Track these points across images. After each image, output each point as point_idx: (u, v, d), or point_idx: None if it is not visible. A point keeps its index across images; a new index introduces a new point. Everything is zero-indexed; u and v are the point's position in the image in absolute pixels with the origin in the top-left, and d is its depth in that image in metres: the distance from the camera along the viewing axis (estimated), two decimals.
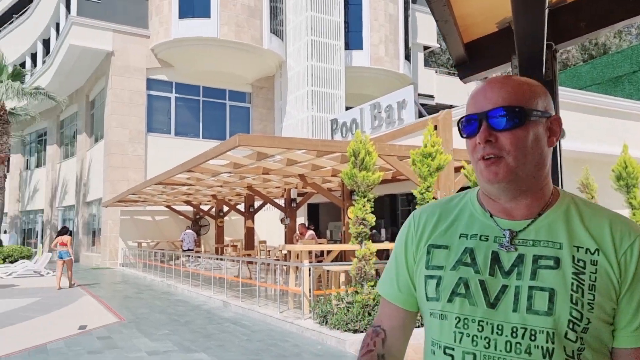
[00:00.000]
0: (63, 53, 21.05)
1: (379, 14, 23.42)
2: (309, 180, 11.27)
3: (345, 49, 22.44)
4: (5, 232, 24.38)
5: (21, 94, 20.83)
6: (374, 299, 6.64)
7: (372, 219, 6.86)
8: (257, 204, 16.79)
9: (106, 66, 20.97)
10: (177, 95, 21.95)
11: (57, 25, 23.63)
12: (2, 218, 22.00)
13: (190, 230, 17.86)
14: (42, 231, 26.86)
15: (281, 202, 15.12)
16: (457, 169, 7.90)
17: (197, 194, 16.81)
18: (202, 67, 21.53)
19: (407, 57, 24.89)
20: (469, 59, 1.96)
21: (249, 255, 14.79)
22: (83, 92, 24.22)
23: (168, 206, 20.30)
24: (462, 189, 5.64)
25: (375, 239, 9.46)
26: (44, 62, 25.54)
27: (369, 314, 6.54)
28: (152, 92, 21.38)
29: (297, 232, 12.83)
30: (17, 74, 21.79)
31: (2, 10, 32.00)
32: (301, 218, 17.66)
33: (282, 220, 15.52)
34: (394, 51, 23.80)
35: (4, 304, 10.19)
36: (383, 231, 16.10)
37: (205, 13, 20.09)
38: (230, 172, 10.95)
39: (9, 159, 23.06)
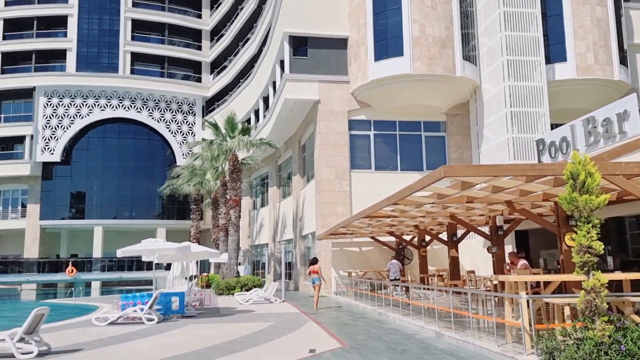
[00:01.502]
0: (279, 106, 24.36)
1: (584, 21, 21.37)
2: (517, 206, 10.79)
3: (546, 63, 20.98)
4: (239, 264, 28.63)
5: (249, 146, 24.69)
6: (609, 337, 6.03)
7: (599, 246, 6.30)
8: (460, 232, 16.56)
9: (314, 113, 23.50)
10: (375, 132, 23.26)
11: (274, 83, 27.49)
12: (238, 252, 25.97)
13: (395, 261, 18.44)
14: (268, 262, 30.72)
15: (486, 229, 14.65)
16: None
17: (400, 224, 17.39)
18: (397, 103, 22.51)
19: (623, 61, 21.99)
20: None
21: (456, 285, 14.59)
22: (296, 138, 27.45)
23: (373, 237, 21.36)
24: None
25: (601, 267, 8.54)
26: (264, 116, 29.83)
27: (606, 354, 5.95)
28: (354, 132, 23.10)
29: (507, 261, 12.25)
30: (246, 130, 25.94)
31: (230, 78, 38.63)
32: (509, 246, 16.73)
33: (488, 249, 14.97)
34: (606, 57, 21.31)
35: (249, 327, 12.04)
36: (610, 259, 14.21)
37: (399, 52, 21.12)
38: (433, 203, 11.18)
39: (240, 201, 27.23)
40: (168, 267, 30.33)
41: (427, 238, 18.83)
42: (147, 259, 19.27)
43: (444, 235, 17.62)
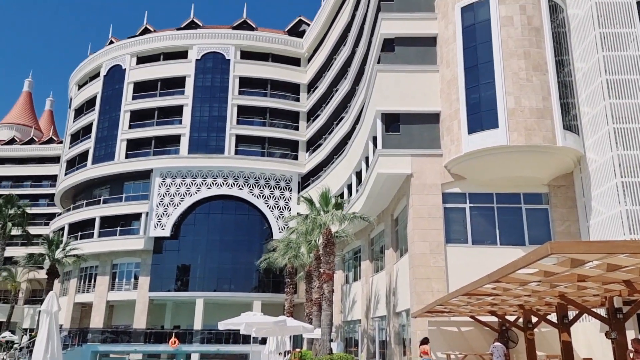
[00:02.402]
0: (372, 181, 24.79)
1: None
2: (637, 286, 9.76)
3: None
4: (332, 340, 28.15)
5: (342, 220, 25.10)
6: None
7: None
8: (571, 314, 15.09)
9: (406, 187, 23.54)
10: (471, 205, 22.61)
11: (367, 158, 28.20)
12: (331, 327, 25.64)
13: (499, 343, 17.12)
14: (361, 340, 29.85)
15: (602, 311, 13.23)
16: None
17: (502, 303, 16.27)
18: (493, 175, 21.91)
19: None
20: None
21: None
22: (388, 212, 27.46)
23: (472, 316, 20.10)
24: None
25: None
26: (357, 190, 30.40)
27: None
28: (448, 205, 22.64)
29: (631, 348, 10.89)
30: (339, 204, 26.54)
31: (325, 155, 40.27)
32: (631, 331, 14.88)
33: (607, 334, 13.41)
34: None
35: None
36: None
37: (493, 124, 20.90)
38: (539, 281, 10.47)
39: (334, 275, 27.27)
40: (263, 341, 30.60)
41: (534, 319, 17.34)
42: (244, 332, 19.74)
43: (553, 317, 16.12)
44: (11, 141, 70.54)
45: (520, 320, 18.09)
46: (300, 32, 49.43)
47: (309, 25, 48.11)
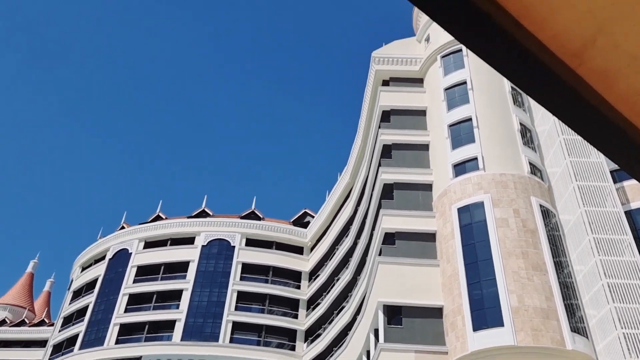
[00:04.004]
0: None
1: None
2: None
3: None
4: None
5: None
6: None
7: None
8: None
9: None
10: None
11: (368, 352, 26.86)
12: None
13: None
14: None
15: None
16: None
17: None
18: None
19: None
20: None
21: None
22: None
23: None
24: None
25: None
26: None
27: None
28: None
29: None
30: None
31: (324, 347, 38.39)
32: None
33: None
34: None
35: None
36: None
37: (499, 322, 20.49)
38: None
39: None
40: None
41: None
42: None
43: None
44: (1, 322, 68.20)
45: None
46: (304, 222, 51.74)
47: (313, 217, 50.58)
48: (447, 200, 25.31)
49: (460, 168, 25.74)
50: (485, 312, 21.15)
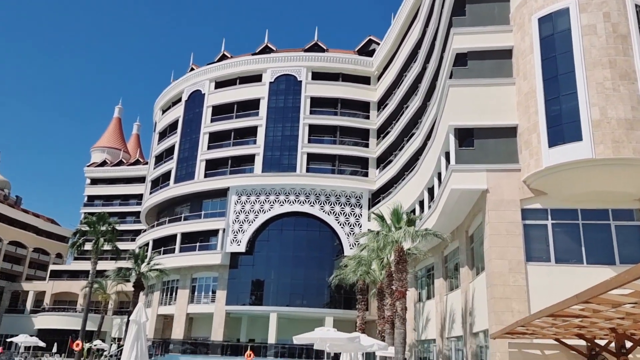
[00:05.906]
0: (445, 197, 24.33)
1: None
2: None
3: None
4: (405, 359, 27.52)
5: (415, 236, 24.79)
6: None
7: None
8: None
9: (482, 203, 22.87)
10: (554, 221, 21.51)
11: (439, 174, 27.76)
12: (405, 346, 25.18)
13: None
14: None
15: None
16: None
17: (591, 326, 15.24)
18: (577, 190, 20.78)
19: None
20: None
21: None
22: (463, 229, 26.74)
23: (557, 339, 18.96)
24: None
25: None
26: (429, 207, 29.93)
27: None
28: (528, 222, 21.69)
29: None
30: (411, 221, 26.26)
31: (395, 171, 40.02)
32: None
33: None
34: None
35: None
36: None
37: (577, 137, 19.90)
38: (635, 303, 9.79)
39: (406, 292, 26.86)
40: (336, 357, 30.59)
41: (628, 344, 16.06)
42: (318, 348, 19.93)
43: None
44: (103, 163, 76.87)
45: (612, 344, 16.84)
46: (370, 51, 49.96)
47: (378, 44, 48.51)
48: (527, 10, 22.91)
49: None
50: (563, 128, 20.47)
